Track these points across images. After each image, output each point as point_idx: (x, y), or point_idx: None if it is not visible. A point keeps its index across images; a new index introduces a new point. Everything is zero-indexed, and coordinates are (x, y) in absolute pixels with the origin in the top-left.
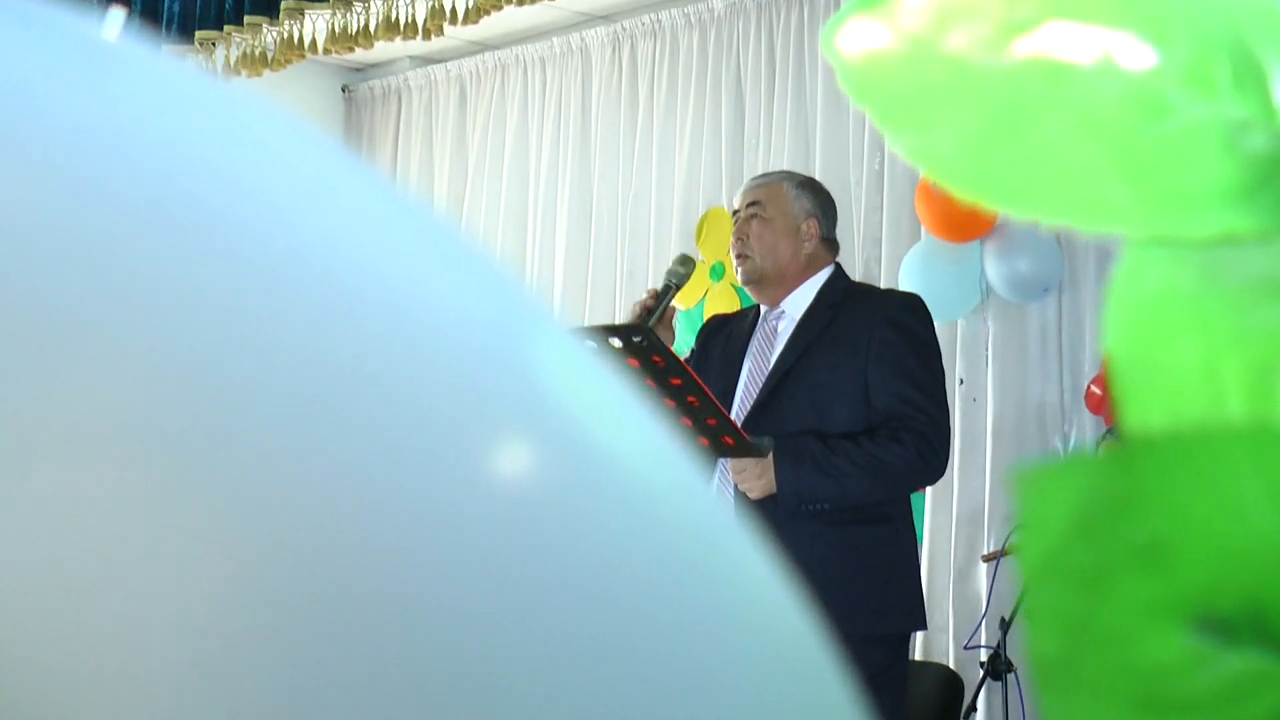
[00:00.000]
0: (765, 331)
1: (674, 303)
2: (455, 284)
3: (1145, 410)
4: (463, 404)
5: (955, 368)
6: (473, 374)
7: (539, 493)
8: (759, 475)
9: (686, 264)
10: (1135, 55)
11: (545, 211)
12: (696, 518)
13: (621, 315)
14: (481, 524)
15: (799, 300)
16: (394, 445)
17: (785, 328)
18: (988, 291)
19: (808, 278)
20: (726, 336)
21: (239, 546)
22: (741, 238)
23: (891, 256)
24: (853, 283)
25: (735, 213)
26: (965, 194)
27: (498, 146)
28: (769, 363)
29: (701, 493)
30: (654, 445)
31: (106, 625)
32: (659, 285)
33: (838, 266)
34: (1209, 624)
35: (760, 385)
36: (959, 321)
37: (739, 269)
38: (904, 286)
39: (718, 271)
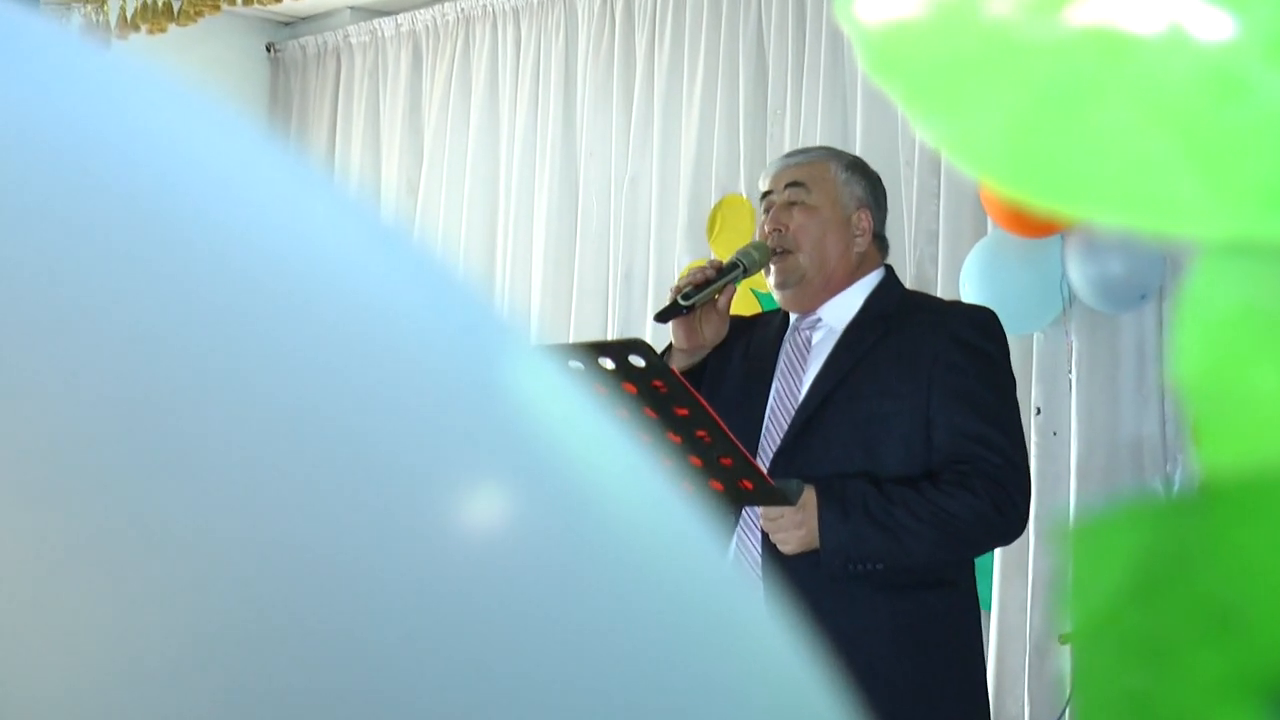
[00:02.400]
0: (796, 344)
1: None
2: (399, 293)
3: (1221, 448)
4: (405, 445)
5: (1030, 394)
6: (417, 407)
7: (497, 556)
8: (798, 525)
9: (761, 251)
10: (1209, 25)
11: (520, 200)
12: (694, 580)
13: (615, 326)
14: (438, 586)
15: (841, 308)
16: (318, 492)
17: (823, 341)
18: (1071, 299)
19: (854, 281)
20: (746, 347)
21: (170, 604)
22: (779, 228)
23: (951, 255)
24: (908, 291)
25: (766, 194)
26: (1008, 188)
27: (461, 120)
28: (802, 385)
29: (704, 549)
30: (643, 493)
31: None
32: (674, 295)
33: (889, 270)
34: None
35: (793, 413)
36: (1035, 336)
37: (775, 267)
38: (967, 290)
39: None
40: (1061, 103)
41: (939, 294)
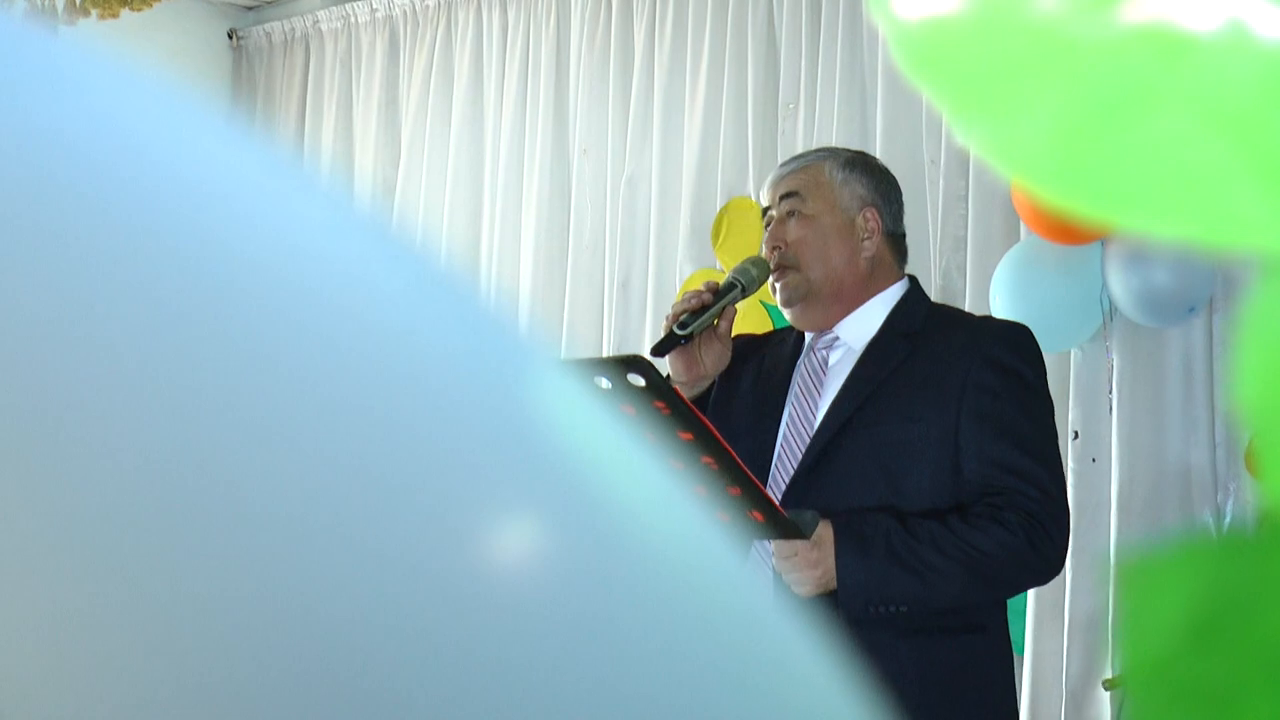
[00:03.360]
0: (812, 365)
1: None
2: (401, 302)
3: None
4: (422, 465)
5: (1067, 417)
6: (433, 428)
7: (521, 582)
8: (813, 564)
9: (760, 266)
10: (1271, 23)
11: (507, 202)
12: (730, 617)
13: (611, 342)
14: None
15: (860, 324)
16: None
17: (841, 361)
18: (1112, 312)
19: (872, 294)
20: (758, 369)
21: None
22: (778, 244)
23: (980, 264)
24: (936, 305)
25: (766, 211)
26: (1055, 198)
27: (442, 114)
28: (819, 409)
29: (739, 580)
30: (667, 510)
31: None
32: (669, 325)
33: (913, 282)
34: None
35: (808, 440)
36: (1072, 353)
37: (778, 286)
38: (997, 303)
39: None
40: (1112, 105)
41: (966, 306)
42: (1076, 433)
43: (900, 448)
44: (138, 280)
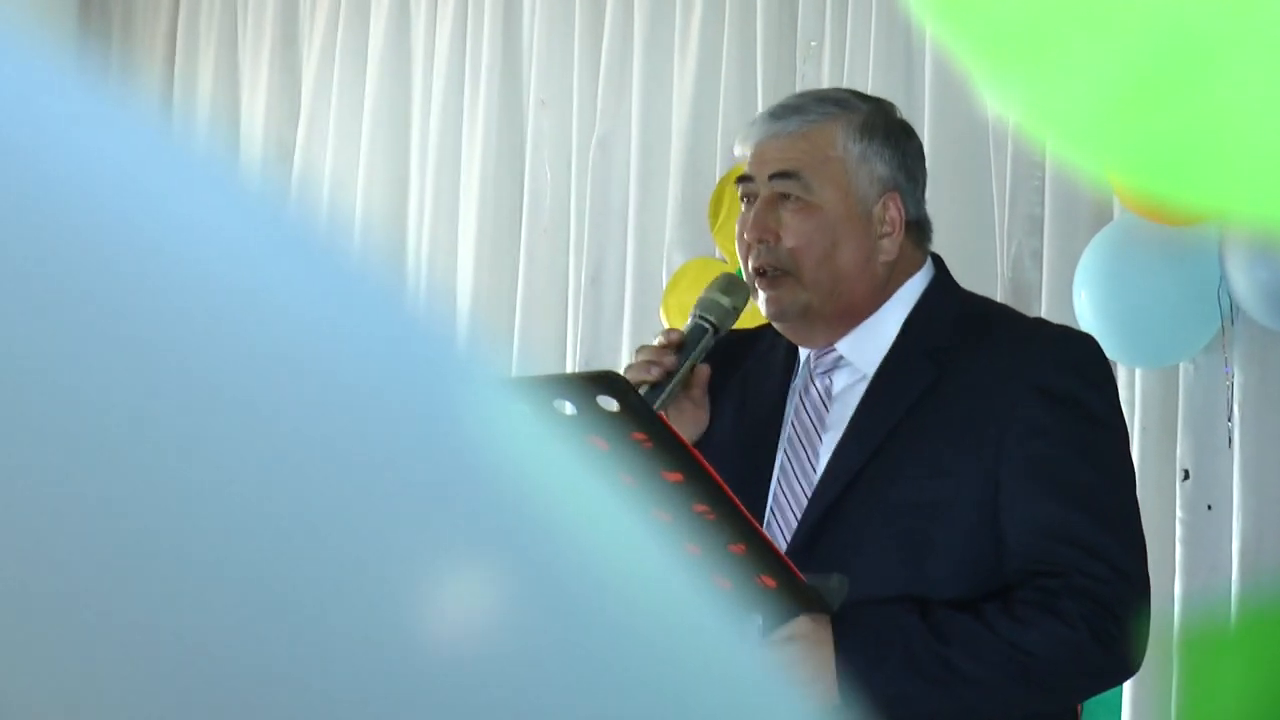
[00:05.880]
0: (812, 397)
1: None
2: (288, 298)
3: None
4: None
5: (1175, 451)
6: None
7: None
8: (812, 675)
9: (734, 292)
10: None
11: (442, 170)
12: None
13: (577, 354)
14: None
15: (869, 339)
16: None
17: (847, 388)
18: (1233, 312)
19: (886, 298)
20: (741, 394)
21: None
22: (765, 238)
23: (1061, 249)
24: (970, 301)
25: (745, 180)
26: (1110, 175)
27: (355, 54)
28: (819, 458)
29: (749, 669)
30: (658, 591)
31: None
32: (683, 325)
33: (937, 267)
34: None
35: (805, 500)
36: (1181, 367)
37: (766, 294)
38: (1082, 301)
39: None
40: (1179, 70)
41: (1043, 304)
42: (1187, 472)
43: (924, 511)
44: None
